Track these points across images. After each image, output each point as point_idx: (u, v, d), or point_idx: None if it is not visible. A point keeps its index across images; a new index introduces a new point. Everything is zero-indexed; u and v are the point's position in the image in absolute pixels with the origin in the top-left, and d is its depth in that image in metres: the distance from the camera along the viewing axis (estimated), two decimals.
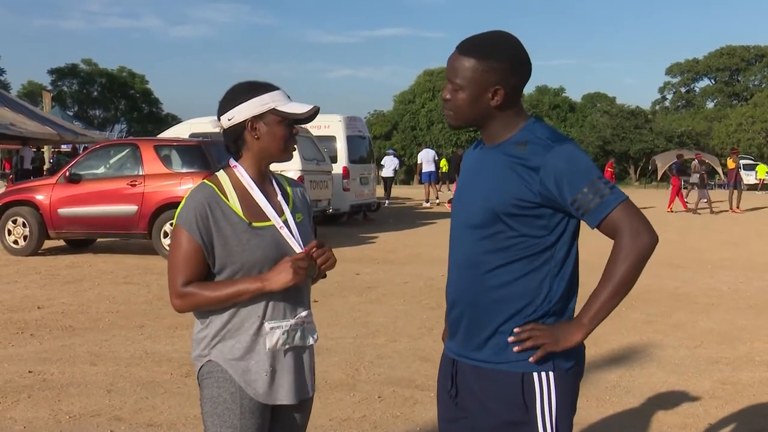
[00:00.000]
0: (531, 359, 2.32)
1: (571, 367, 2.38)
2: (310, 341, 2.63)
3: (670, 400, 5.61)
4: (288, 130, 2.59)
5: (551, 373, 2.34)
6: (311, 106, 2.59)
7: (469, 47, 2.38)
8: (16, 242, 13.10)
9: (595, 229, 2.30)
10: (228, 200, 2.56)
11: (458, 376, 2.48)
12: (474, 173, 2.48)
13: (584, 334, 2.31)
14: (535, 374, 2.33)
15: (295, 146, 2.65)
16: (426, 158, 26.79)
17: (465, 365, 2.45)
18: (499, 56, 2.35)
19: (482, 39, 2.40)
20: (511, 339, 2.34)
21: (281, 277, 2.48)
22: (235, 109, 2.58)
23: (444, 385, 2.56)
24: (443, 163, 39.66)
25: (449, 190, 35.17)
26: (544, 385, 2.34)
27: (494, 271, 2.36)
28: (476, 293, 2.40)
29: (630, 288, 2.29)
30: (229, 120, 2.59)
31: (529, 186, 2.30)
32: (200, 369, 2.60)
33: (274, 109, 2.56)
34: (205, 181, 2.61)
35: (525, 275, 2.34)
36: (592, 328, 2.31)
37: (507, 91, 2.36)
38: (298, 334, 2.58)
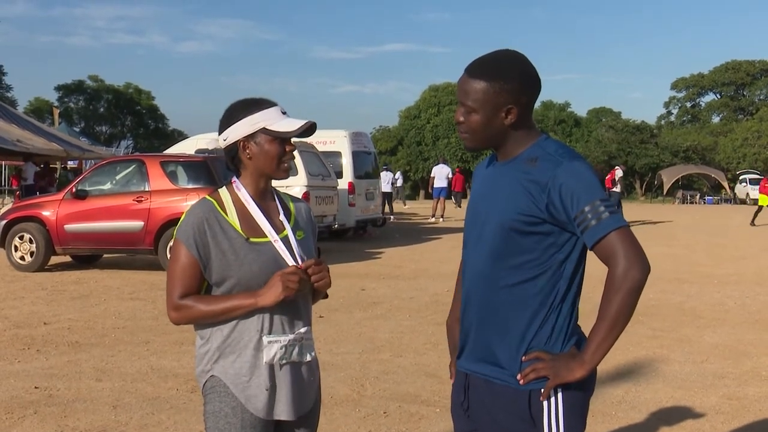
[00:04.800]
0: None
1: (580, 384, 2.38)
2: (308, 357, 2.64)
3: (676, 415, 5.60)
4: (280, 148, 2.59)
5: (559, 389, 2.35)
6: (302, 123, 2.59)
7: (478, 69, 2.39)
8: (22, 258, 13.14)
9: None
10: (227, 215, 2.59)
11: (470, 389, 2.51)
12: (486, 189, 2.50)
13: (586, 371, 2.31)
14: (543, 390, 2.35)
15: (292, 163, 2.66)
16: (439, 174, 26.59)
17: (477, 378, 2.47)
18: (509, 76, 2.36)
19: (490, 60, 2.41)
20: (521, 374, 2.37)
21: (272, 291, 2.50)
22: (228, 129, 2.62)
23: (457, 399, 2.59)
24: None
25: None
26: (552, 400, 2.35)
27: (505, 289, 2.39)
28: (487, 310, 2.42)
29: (627, 321, 2.29)
30: (224, 140, 2.63)
31: (537, 202, 2.32)
32: (204, 384, 2.62)
33: (264, 128, 2.57)
34: (206, 196, 2.64)
35: (535, 293, 2.37)
36: (594, 364, 2.31)
37: (519, 110, 2.38)
38: (296, 350, 2.59)
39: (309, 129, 2.62)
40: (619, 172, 25.25)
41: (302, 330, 2.62)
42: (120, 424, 5.29)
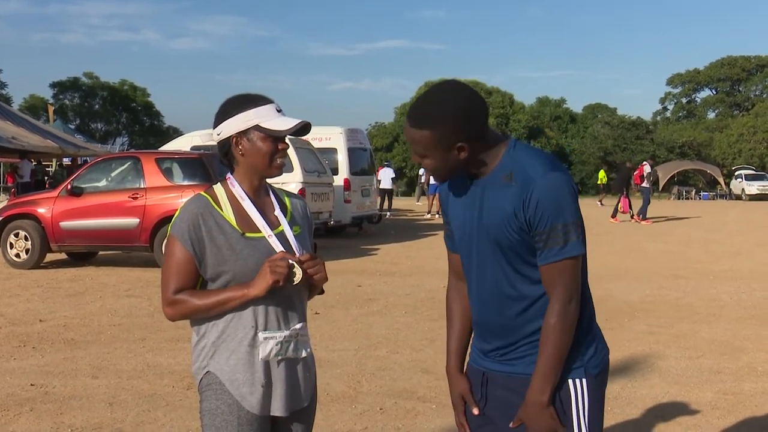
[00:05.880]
0: None
1: (599, 373, 2.47)
2: (303, 353, 2.64)
3: (672, 411, 5.61)
4: (273, 146, 2.58)
5: (584, 380, 2.42)
6: (296, 122, 2.58)
7: (418, 119, 2.36)
8: (18, 255, 13.12)
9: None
10: (222, 211, 2.58)
11: (489, 385, 2.54)
12: (470, 209, 2.49)
13: (548, 408, 2.36)
14: (570, 381, 2.41)
15: (287, 159, 2.65)
16: None
17: (498, 375, 2.51)
18: (448, 118, 2.33)
19: (427, 105, 2.37)
20: None
21: (261, 280, 2.49)
22: (222, 124, 2.60)
23: (473, 397, 2.60)
24: (602, 174, 39.55)
25: (601, 204, 35.50)
26: (578, 389, 2.41)
27: (519, 301, 2.42)
28: (502, 317, 2.46)
29: (566, 353, 2.36)
30: (218, 135, 2.62)
31: (518, 217, 2.34)
32: (200, 381, 2.62)
33: (257, 125, 2.56)
34: (200, 192, 2.64)
35: (543, 298, 2.39)
36: (547, 398, 2.35)
37: (470, 144, 2.36)
38: (292, 345, 2.59)
39: (303, 128, 2.60)
40: (647, 168, 25.28)
41: (297, 326, 2.62)
42: (116, 421, 5.29)
